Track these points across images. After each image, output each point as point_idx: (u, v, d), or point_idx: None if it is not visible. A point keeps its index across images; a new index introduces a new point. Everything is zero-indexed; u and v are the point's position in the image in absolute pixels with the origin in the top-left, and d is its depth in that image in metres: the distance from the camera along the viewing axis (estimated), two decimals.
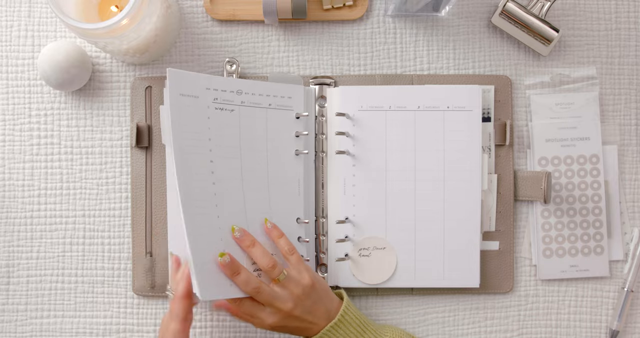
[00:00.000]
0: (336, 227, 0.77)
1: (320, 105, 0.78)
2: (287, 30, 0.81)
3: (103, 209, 0.79)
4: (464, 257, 0.77)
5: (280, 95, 0.75)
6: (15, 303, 0.79)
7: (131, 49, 0.72)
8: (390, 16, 0.81)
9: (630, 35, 0.82)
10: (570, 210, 0.80)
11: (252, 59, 0.80)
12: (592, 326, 0.80)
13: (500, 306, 0.80)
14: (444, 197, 0.77)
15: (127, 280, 0.79)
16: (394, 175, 0.77)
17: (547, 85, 0.81)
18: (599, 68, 0.81)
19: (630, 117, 0.81)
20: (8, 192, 0.79)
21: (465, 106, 0.77)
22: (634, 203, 0.81)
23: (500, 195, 0.79)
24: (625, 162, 0.81)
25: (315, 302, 0.69)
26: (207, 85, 0.71)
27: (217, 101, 0.72)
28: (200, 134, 0.70)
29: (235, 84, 0.73)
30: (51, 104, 0.80)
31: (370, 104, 0.77)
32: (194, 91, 0.70)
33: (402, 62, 0.81)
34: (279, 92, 0.76)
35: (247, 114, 0.74)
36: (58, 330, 0.79)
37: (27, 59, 0.80)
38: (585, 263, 0.80)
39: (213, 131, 0.71)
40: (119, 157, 0.80)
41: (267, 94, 0.75)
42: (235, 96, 0.73)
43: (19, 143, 0.79)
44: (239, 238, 0.70)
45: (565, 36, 0.81)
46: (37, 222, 0.79)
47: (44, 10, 0.80)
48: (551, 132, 0.80)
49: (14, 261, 0.79)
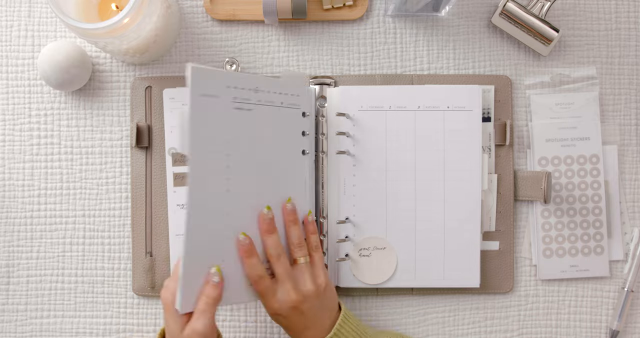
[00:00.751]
0: (336, 227, 0.77)
1: (320, 105, 0.78)
2: (287, 30, 0.81)
3: (103, 209, 0.79)
4: (464, 257, 0.77)
5: (290, 93, 0.73)
6: (15, 303, 0.79)
7: (131, 49, 0.72)
8: (390, 16, 0.81)
9: (630, 35, 0.82)
10: (570, 210, 0.80)
11: (252, 59, 0.80)
12: (592, 326, 0.80)
13: (500, 306, 0.80)
14: (444, 197, 0.77)
15: (127, 280, 0.79)
16: (394, 175, 0.77)
17: (547, 85, 0.81)
18: (599, 68, 0.81)
19: (630, 117, 0.81)
20: (8, 192, 0.79)
21: (466, 106, 0.77)
22: (634, 203, 0.81)
23: (500, 195, 0.79)
24: (625, 162, 0.81)
25: (322, 307, 0.68)
26: (228, 82, 0.64)
27: (236, 100, 0.66)
28: (218, 139, 0.64)
29: (253, 82, 0.68)
30: (51, 104, 0.80)
31: (371, 104, 0.77)
32: (215, 90, 0.64)
33: (402, 62, 0.81)
34: (289, 90, 0.72)
35: (263, 113, 0.69)
36: (58, 330, 0.79)
37: (27, 59, 0.80)
38: (585, 263, 0.80)
39: (231, 134, 0.66)
40: (119, 157, 0.80)
41: (280, 91, 0.71)
42: (253, 94, 0.68)
43: (19, 143, 0.79)
44: (262, 220, 0.67)
45: (565, 36, 0.81)
46: (37, 222, 0.79)
47: (44, 10, 0.80)
48: (551, 132, 0.80)
49: (14, 261, 0.79)
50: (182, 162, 0.78)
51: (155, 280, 0.78)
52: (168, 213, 0.77)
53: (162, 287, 0.74)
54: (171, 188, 0.77)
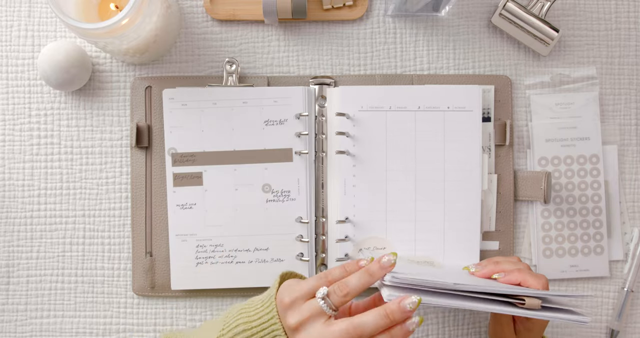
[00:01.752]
0: (336, 227, 0.77)
1: (320, 105, 0.78)
2: (287, 30, 0.81)
3: (103, 209, 0.79)
4: (464, 257, 0.77)
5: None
6: (15, 303, 0.79)
7: (131, 49, 0.72)
8: (390, 16, 0.81)
9: (630, 35, 0.82)
10: (570, 210, 0.80)
11: (252, 59, 0.80)
12: (592, 326, 0.80)
13: None
14: (444, 197, 0.77)
15: (127, 280, 0.79)
16: (394, 175, 0.77)
17: (547, 85, 0.81)
18: (599, 68, 0.81)
19: (630, 117, 0.81)
20: (8, 192, 0.79)
21: (466, 106, 0.77)
22: (634, 203, 0.81)
23: (500, 195, 0.80)
24: (625, 162, 0.81)
25: None
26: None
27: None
28: None
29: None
30: (51, 104, 0.80)
31: (371, 104, 0.77)
32: None
33: (402, 62, 0.81)
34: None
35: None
36: (58, 330, 0.79)
37: (27, 59, 0.80)
38: (585, 263, 0.80)
39: None
40: (119, 157, 0.79)
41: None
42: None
43: (19, 143, 0.79)
44: None
45: (565, 36, 0.81)
46: (37, 222, 0.79)
47: (44, 10, 0.80)
48: (551, 132, 0.80)
49: (14, 261, 0.79)
50: (182, 162, 0.78)
51: (155, 280, 0.78)
52: (168, 214, 0.77)
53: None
54: (171, 188, 0.77)
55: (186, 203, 0.77)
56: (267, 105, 0.77)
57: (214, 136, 0.77)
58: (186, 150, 0.77)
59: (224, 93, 0.77)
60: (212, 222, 0.77)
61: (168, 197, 0.77)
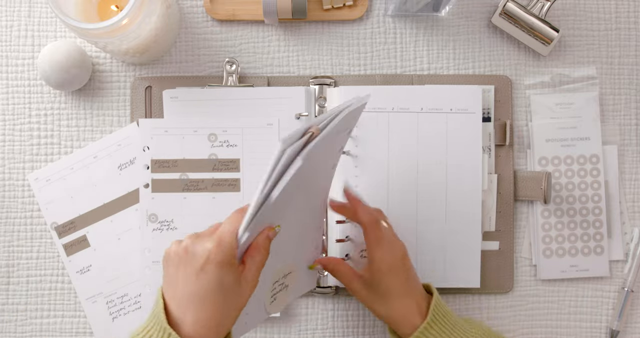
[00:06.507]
0: (336, 227, 0.77)
1: (320, 105, 0.78)
2: (287, 30, 0.81)
3: None
4: (465, 257, 0.77)
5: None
6: (15, 303, 0.79)
7: (131, 49, 0.72)
8: (390, 16, 0.81)
9: (630, 35, 0.82)
10: (570, 210, 0.80)
11: (252, 59, 0.80)
12: (592, 326, 0.80)
13: (500, 306, 0.80)
14: (444, 197, 0.77)
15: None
16: (395, 175, 0.77)
17: (547, 85, 0.81)
18: (599, 68, 0.81)
19: (630, 117, 0.82)
20: (8, 192, 0.79)
21: (468, 108, 0.77)
22: (634, 203, 0.81)
23: (500, 195, 0.80)
24: (625, 162, 0.81)
25: (414, 274, 0.67)
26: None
27: None
28: None
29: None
30: (51, 104, 0.80)
31: (373, 105, 0.77)
32: None
33: (402, 62, 0.81)
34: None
35: None
36: (58, 330, 0.79)
37: (27, 59, 0.80)
38: (585, 263, 0.80)
39: None
40: None
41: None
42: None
43: (19, 143, 0.79)
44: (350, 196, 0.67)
45: (565, 36, 0.81)
46: (37, 222, 0.79)
47: (44, 10, 0.80)
48: (551, 132, 0.80)
49: (14, 261, 0.79)
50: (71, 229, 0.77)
51: None
52: (71, 280, 0.77)
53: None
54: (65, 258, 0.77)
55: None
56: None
57: None
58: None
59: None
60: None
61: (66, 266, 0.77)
